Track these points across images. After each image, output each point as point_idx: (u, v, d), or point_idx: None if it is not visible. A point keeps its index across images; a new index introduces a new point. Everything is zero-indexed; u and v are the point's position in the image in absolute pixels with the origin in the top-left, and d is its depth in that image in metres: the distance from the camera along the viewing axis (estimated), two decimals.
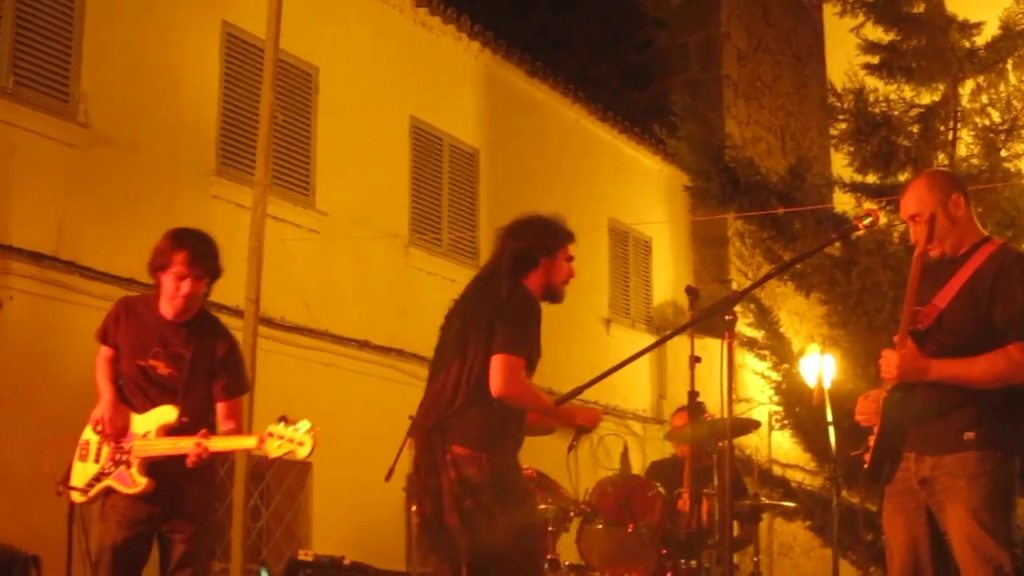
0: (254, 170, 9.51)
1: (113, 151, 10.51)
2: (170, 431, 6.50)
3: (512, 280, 6.25)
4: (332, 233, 12.32)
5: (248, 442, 6.60)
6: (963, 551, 5.38)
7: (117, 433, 6.54)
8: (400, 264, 13.26)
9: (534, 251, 6.42)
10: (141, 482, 6.45)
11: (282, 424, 6.46)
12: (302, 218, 12.14)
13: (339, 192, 12.65)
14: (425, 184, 14.03)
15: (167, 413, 6.52)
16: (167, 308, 6.66)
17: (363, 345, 12.37)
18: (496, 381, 5.90)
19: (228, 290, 10.32)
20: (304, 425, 6.44)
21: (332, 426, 7.28)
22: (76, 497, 6.59)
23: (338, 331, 12.26)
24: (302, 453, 6.44)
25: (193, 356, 6.64)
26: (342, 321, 12.29)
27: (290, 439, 6.44)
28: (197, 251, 6.69)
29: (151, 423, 6.54)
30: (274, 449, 6.45)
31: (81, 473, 6.61)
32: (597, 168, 17.13)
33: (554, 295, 6.48)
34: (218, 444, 6.47)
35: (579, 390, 5.83)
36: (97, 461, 6.58)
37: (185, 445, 6.40)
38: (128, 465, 6.47)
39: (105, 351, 6.78)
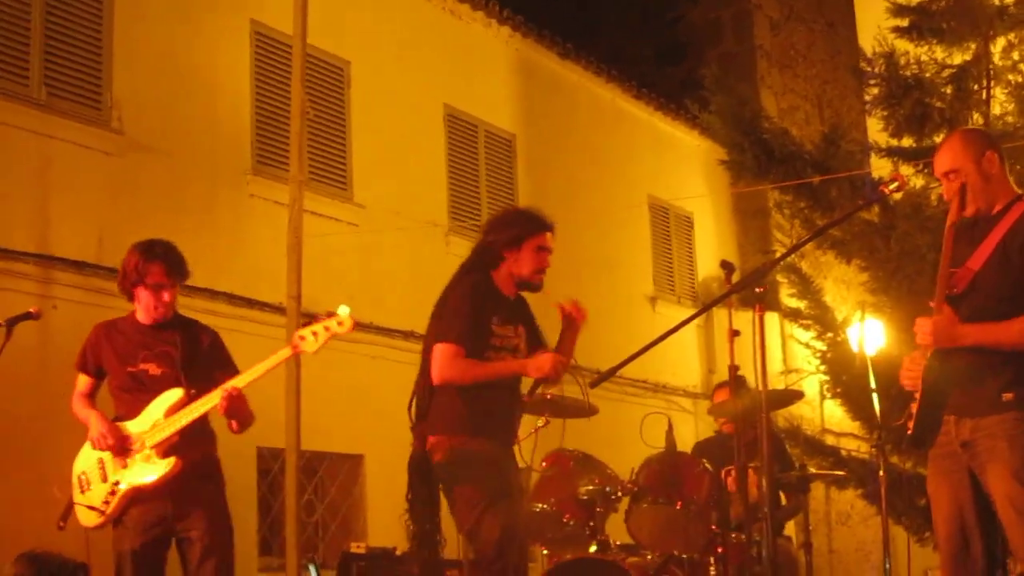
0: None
1: (149, 156, 10.57)
2: (177, 410, 6.57)
3: (463, 274, 6.70)
4: (371, 225, 12.35)
5: (282, 354, 6.58)
6: (1006, 512, 5.35)
7: (120, 441, 6.61)
8: (441, 253, 13.26)
9: (495, 246, 6.75)
10: (168, 463, 6.53)
11: (310, 324, 6.57)
12: (341, 212, 12.18)
13: (376, 184, 12.68)
14: (462, 172, 14.05)
15: (172, 395, 6.62)
16: (146, 317, 6.81)
17: (408, 336, 12.39)
18: (433, 370, 6.41)
19: (270, 287, 10.46)
20: (339, 309, 6.53)
21: (382, 418, 7.36)
22: (93, 519, 6.64)
23: (383, 323, 12.26)
24: (345, 327, 6.50)
25: (182, 350, 6.75)
26: (386, 313, 12.30)
27: (325, 327, 6.51)
28: (170, 261, 6.83)
29: (156, 413, 6.61)
30: (312, 344, 6.52)
31: (92, 498, 6.66)
32: (634, 146, 17.10)
33: (526, 285, 6.79)
34: (247, 376, 6.55)
35: (617, 368, 5.85)
36: (105, 480, 6.64)
37: (208, 400, 6.51)
38: (146, 458, 6.55)
39: (80, 385, 6.94)
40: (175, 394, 6.61)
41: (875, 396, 8.62)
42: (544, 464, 7.79)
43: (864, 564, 18.96)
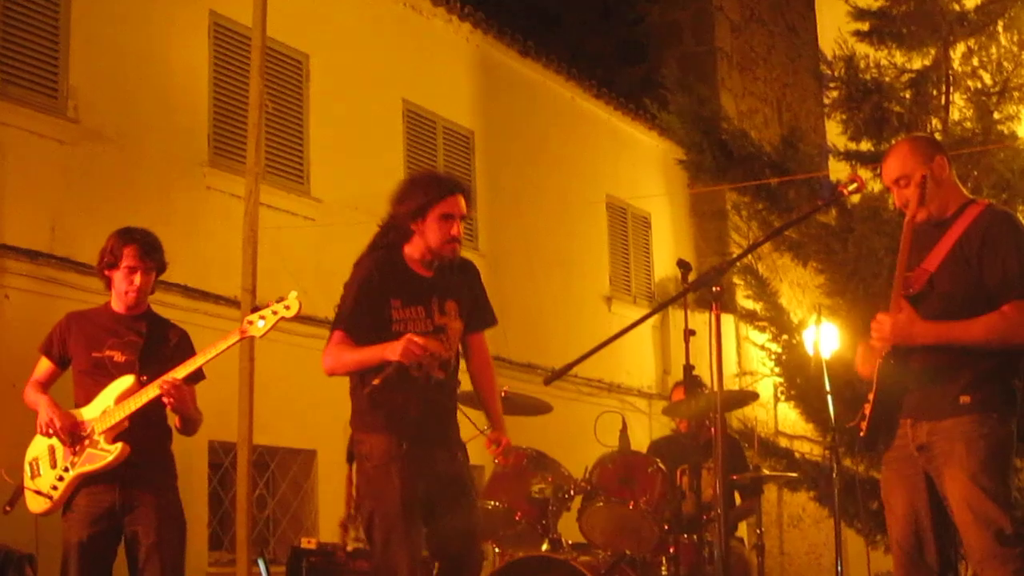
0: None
1: (104, 146, 10.47)
2: (129, 396, 6.58)
3: (364, 254, 6.38)
4: (328, 220, 12.28)
5: (230, 340, 6.57)
6: (963, 516, 5.38)
7: (70, 426, 6.59)
8: None
9: (400, 219, 6.30)
10: (114, 449, 6.52)
11: (259, 311, 6.57)
12: (297, 206, 12.11)
13: (334, 179, 12.61)
14: (420, 167, 13.98)
15: (124, 381, 6.62)
16: (119, 304, 6.83)
17: None
18: None
19: (224, 280, 10.40)
20: (289, 294, 6.56)
21: (335, 414, 7.27)
22: (41, 504, 6.64)
23: None
24: (292, 311, 6.51)
25: (146, 341, 6.78)
26: None
27: (273, 311, 6.54)
28: (145, 244, 6.86)
29: (107, 399, 6.61)
30: (259, 329, 6.55)
31: (41, 484, 6.64)
32: (593, 145, 17.09)
33: (438, 256, 6.25)
34: (191, 365, 6.55)
35: (571, 365, 5.81)
36: (55, 466, 6.63)
37: (149, 392, 6.49)
38: (94, 444, 6.53)
39: (39, 371, 6.93)
40: (126, 381, 6.61)
41: (830, 399, 8.61)
42: (498, 461, 7.77)
43: (815, 567, 19.01)
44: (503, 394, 7.91)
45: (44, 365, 6.94)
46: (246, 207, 9.28)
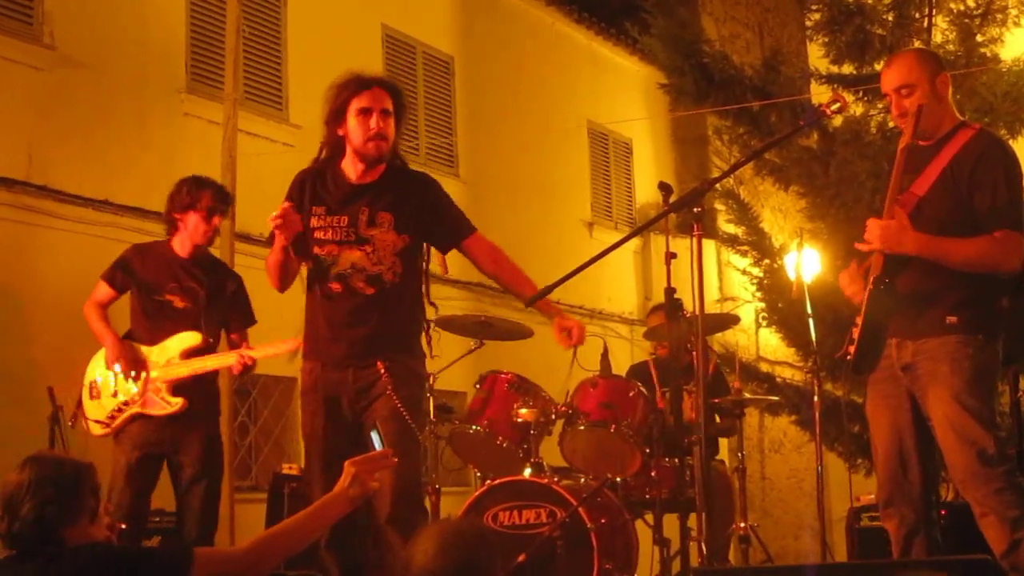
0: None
1: (80, 72, 10.37)
2: (192, 354, 7.16)
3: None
4: (307, 146, 12.01)
5: (287, 344, 6.93)
6: (946, 435, 5.39)
7: (138, 367, 7.10)
8: None
9: (329, 133, 6.11)
10: (176, 402, 7.10)
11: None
12: (276, 132, 12.03)
13: (313, 104, 12.31)
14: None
15: (190, 338, 7.19)
16: (185, 246, 7.30)
17: None
18: None
19: None
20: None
21: None
22: (97, 430, 7.20)
23: None
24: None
25: (208, 291, 7.27)
26: None
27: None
28: (221, 189, 7.54)
29: (172, 350, 7.16)
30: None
31: (98, 409, 7.20)
32: (574, 71, 16.98)
33: (364, 157, 6.02)
34: (260, 352, 7.21)
35: (552, 287, 5.78)
36: (115, 396, 7.15)
37: (225, 359, 7.22)
38: (156, 391, 7.11)
39: (100, 294, 7.34)
40: (194, 338, 7.19)
41: (811, 323, 8.61)
42: (478, 386, 7.77)
43: (796, 491, 19.09)
44: (482, 318, 7.93)
45: (105, 290, 7.36)
46: (224, 133, 9.26)
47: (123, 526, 6.51)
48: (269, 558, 4.19)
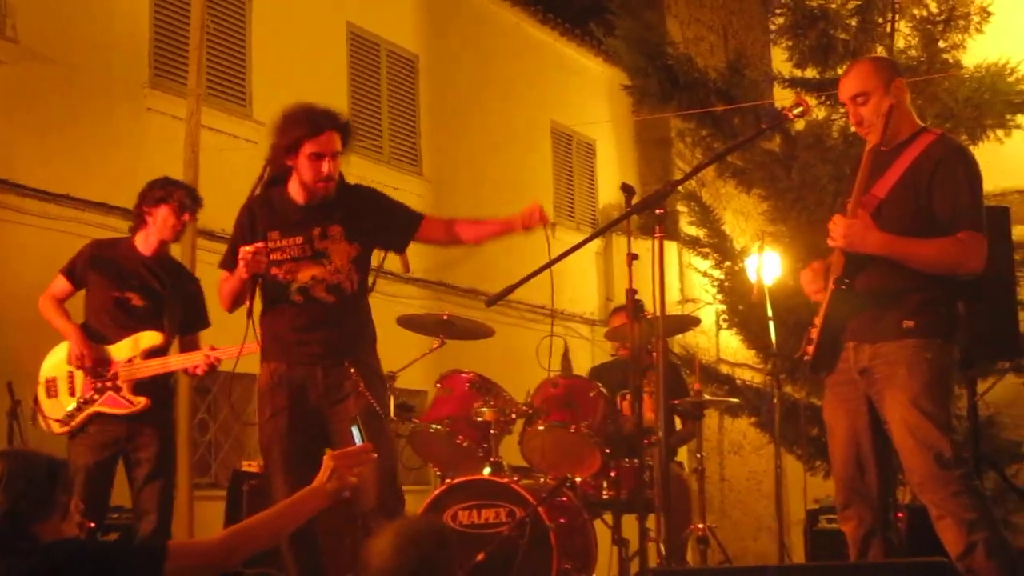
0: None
1: (44, 66, 10.34)
2: (153, 353, 7.16)
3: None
4: (270, 143, 12.17)
5: (250, 347, 6.75)
6: (903, 439, 5.40)
7: (98, 364, 7.11)
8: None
9: (277, 157, 6.26)
10: (139, 401, 7.10)
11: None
12: (239, 129, 12.01)
13: (277, 101, 12.29)
14: (364, 92, 13.90)
15: (151, 337, 7.20)
16: (149, 243, 7.30)
17: None
18: None
19: None
20: None
21: None
22: (57, 428, 7.16)
23: None
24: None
25: (168, 291, 7.27)
26: None
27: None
28: (192, 190, 7.61)
29: (134, 349, 7.15)
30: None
31: (56, 407, 7.18)
32: (539, 71, 17.01)
33: (311, 194, 6.18)
34: (224, 352, 7.13)
35: (514, 287, 5.81)
36: (73, 395, 7.15)
37: (191, 358, 7.20)
38: (117, 390, 7.10)
39: (56, 288, 7.35)
40: (155, 337, 7.19)
41: (771, 325, 8.64)
42: (439, 385, 7.79)
43: (755, 492, 19.14)
44: (443, 317, 7.95)
45: (62, 284, 7.37)
46: (187, 129, 9.25)
47: (92, 524, 6.51)
48: (243, 550, 4.20)
